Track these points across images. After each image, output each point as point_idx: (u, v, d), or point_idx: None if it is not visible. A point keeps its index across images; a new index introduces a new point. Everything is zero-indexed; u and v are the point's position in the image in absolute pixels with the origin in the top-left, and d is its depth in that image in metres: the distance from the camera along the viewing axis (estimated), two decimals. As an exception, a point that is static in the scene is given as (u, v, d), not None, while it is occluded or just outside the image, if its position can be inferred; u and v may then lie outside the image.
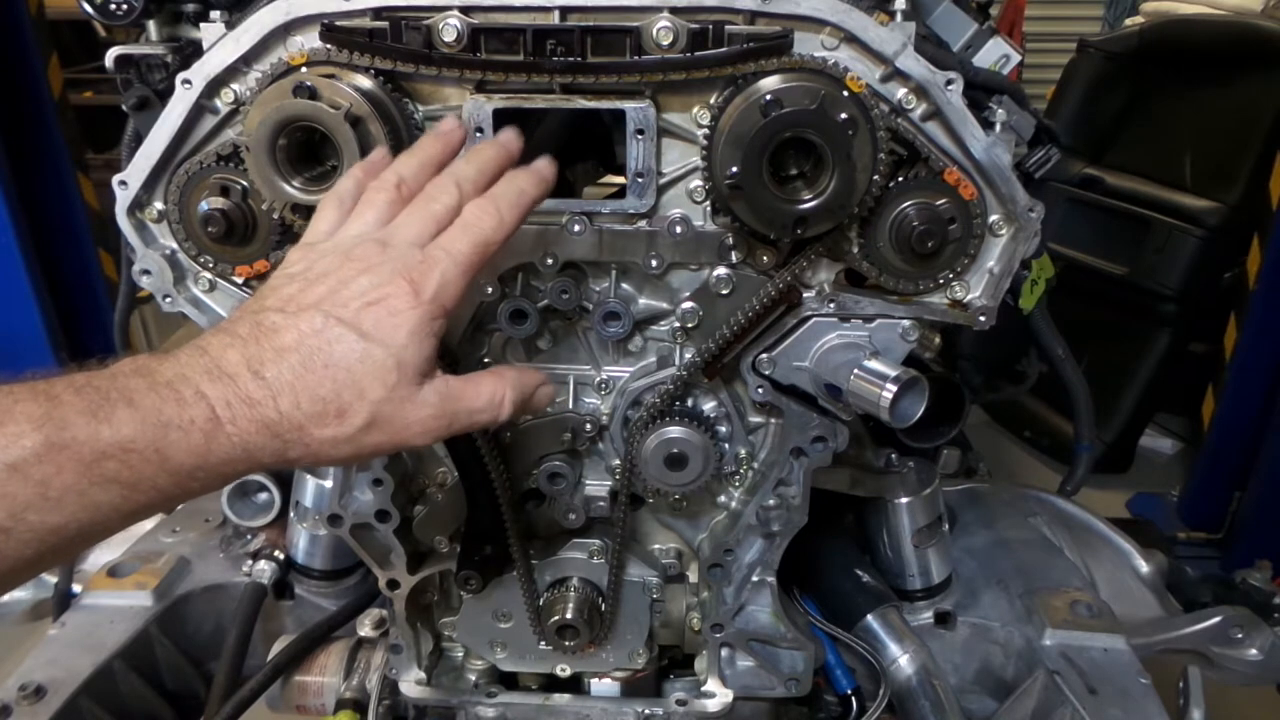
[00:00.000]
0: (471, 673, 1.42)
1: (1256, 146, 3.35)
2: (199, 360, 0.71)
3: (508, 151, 0.90)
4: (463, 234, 0.81)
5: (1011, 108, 1.00)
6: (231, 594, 1.55)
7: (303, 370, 0.72)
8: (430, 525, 1.25)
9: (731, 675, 1.34)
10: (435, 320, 0.77)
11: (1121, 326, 3.72)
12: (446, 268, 0.78)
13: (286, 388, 0.71)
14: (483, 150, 0.90)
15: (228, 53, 0.98)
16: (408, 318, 0.75)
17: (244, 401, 0.70)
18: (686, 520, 1.29)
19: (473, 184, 0.85)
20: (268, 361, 0.71)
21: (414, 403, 0.77)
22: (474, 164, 0.87)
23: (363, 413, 0.74)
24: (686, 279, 1.11)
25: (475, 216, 0.82)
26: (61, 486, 0.64)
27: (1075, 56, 4.11)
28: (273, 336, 0.73)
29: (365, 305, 0.75)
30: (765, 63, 0.93)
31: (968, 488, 1.75)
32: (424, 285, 0.76)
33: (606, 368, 1.18)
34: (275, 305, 0.76)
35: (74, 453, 0.64)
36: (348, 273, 0.77)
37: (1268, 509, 3.13)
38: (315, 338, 0.73)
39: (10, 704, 1.33)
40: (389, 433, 0.76)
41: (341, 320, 0.74)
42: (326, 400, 0.72)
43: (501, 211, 0.83)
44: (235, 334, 0.73)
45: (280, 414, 0.71)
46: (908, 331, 1.08)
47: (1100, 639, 1.40)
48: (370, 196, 0.84)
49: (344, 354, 0.73)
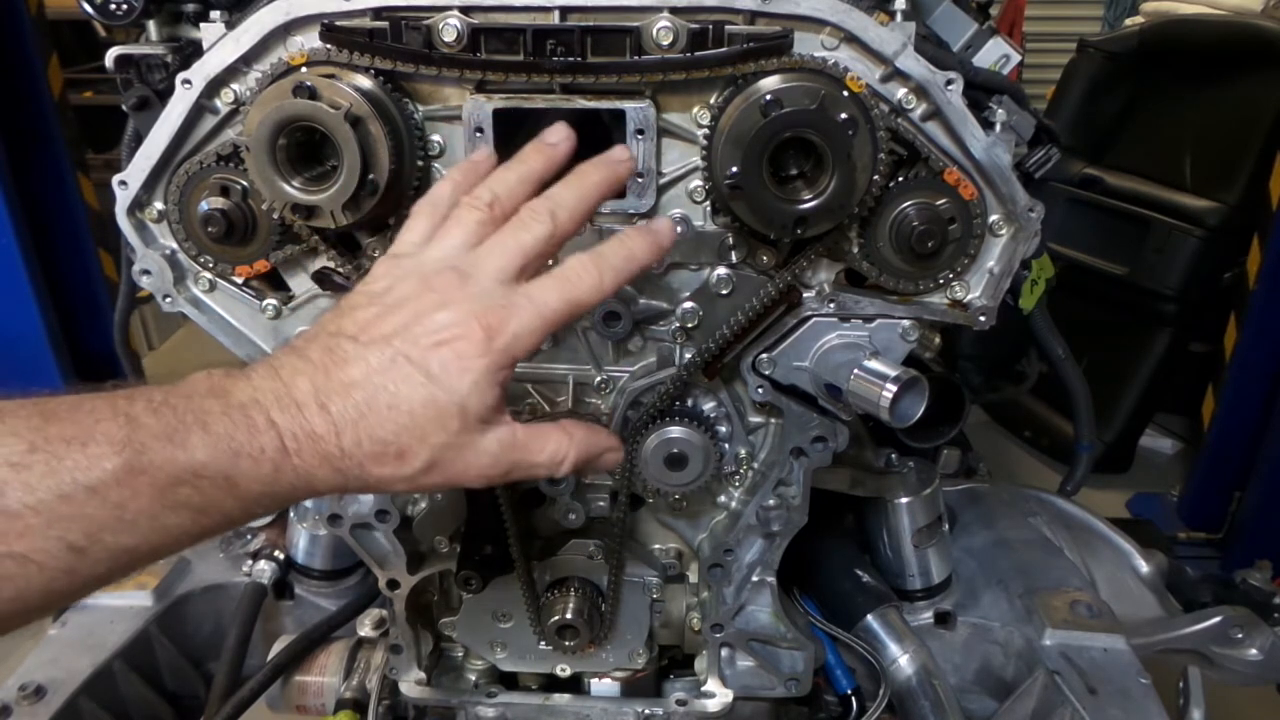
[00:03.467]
0: (471, 673, 1.42)
1: (1256, 146, 3.35)
2: (272, 385, 0.71)
3: (616, 176, 0.85)
4: (555, 288, 0.77)
5: (1011, 108, 1.00)
6: (231, 594, 1.55)
7: (366, 409, 0.71)
8: (430, 525, 1.25)
9: (731, 675, 1.34)
10: (504, 370, 0.75)
11: (1121, 326, 3.72)
12: (527, 319, 0.75)
13: (350, 425, 0.71)
14: (586, 174, 0.84)
15: (228, 53, 0.98)
16: (475, 365, 0.73)
17: (309, 436, 0.70)
18: (686, 520, 1.29)
19: (569, 214, 0.81)
20: (335, 394, 0.71)
21: (474, 449, 0.75)
22: (574, 189, 0.82)
23: (422, 456, 0.73)
24: (686, 279, 1.11)
25: (576, 274, 0.78)
26: (137, 510, 0.65)
27: (1075, 56, 4.11)
28: (343, 368, 0.72)
29: (435, 345, 0.73)
30: (765, 63, 0.93)
31: (968, 488, 1.75)
32: (500, 332, 0.74)
33: (606, 368, 1.18)
34: (351, 331, 0.74)
35: (150, 478, 0.65)
36: (425, 305, 0.74)
37: (1268, 509, 3.13)
38: (381, 375, 0.72)
39: (10, 704, 1.33)
40: (446, 475, 0.76)
41: (410, 359, 0.72)
42: (387, 442, 0.72)
43: (603, 275, 0.79)
44: (308, 358, 0.73)
45: (342, 451, 0.71)
46: (908, 331, 1.08)
47: (1100, 639, 1.40)
48: (461, 214, 0.81)
49: (408, 396, 0.72)
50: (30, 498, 0.62)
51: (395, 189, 0.99)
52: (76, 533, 0.63)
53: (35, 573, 0.63)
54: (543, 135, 0.86)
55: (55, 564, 0.63)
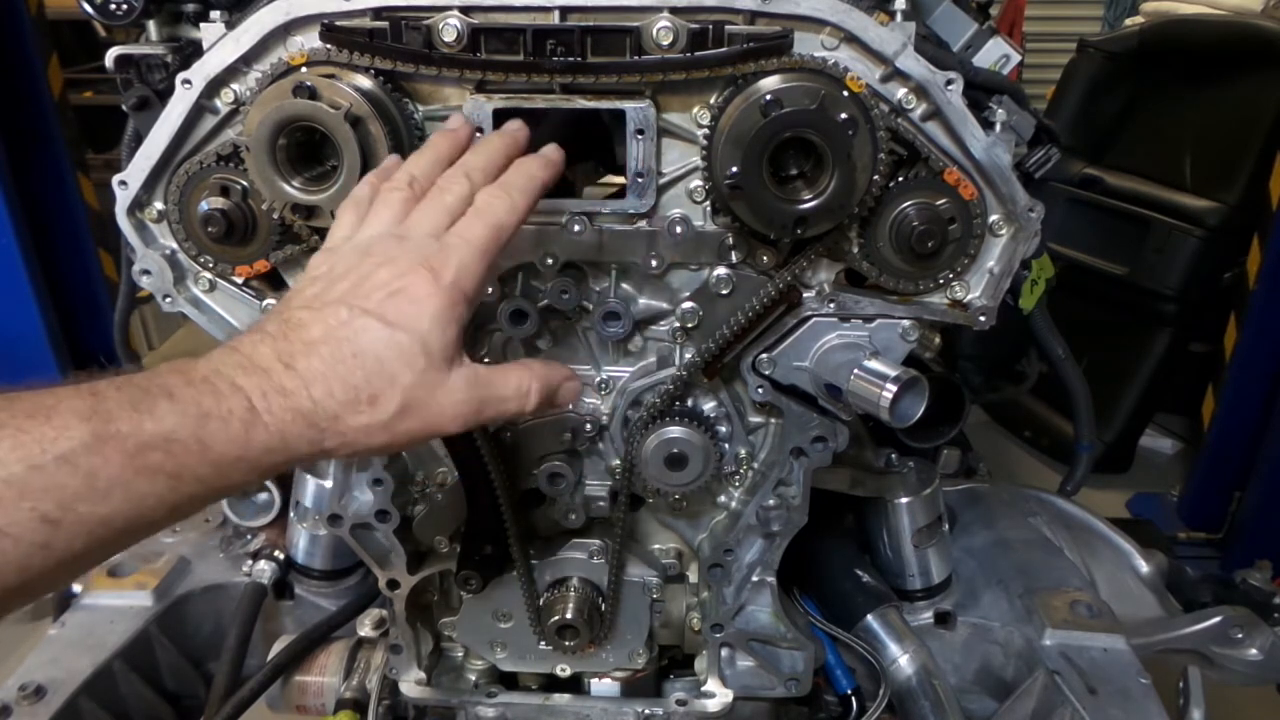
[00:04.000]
0: (471, 673, 1.42)
1: (1256, 146, 3.35)
2: (231, 357, 0.73)
3: (515, 141, 0.92)
4: (477, 220, 0.83)
5: (1011, 108, 1.00)
6: (231, 594, 1.55)
7: (333, 360, 0.74)
8: (430, 525, 1.25)
9: (731, 675, 1.34)
10: (457, 306, 0.79)
11: (1121, 326, 3.72)
12: (464, 254, 0.80)
13: (318, 377, 0.73)
14: (490, 141, 0.92)
15: (228, 53, 0.98)
16: (430, 304, 0.77)
17: (278, 391, 0.72)
18: (686, 520, 1.29)
19: (482, 173, 0.87)
20: (298, 354, 0.74)
21: (444, 388, 0.78)
22: (482, 154, 0.89)
23: (395, 398, 0.76)
24: (686, 279, 1.11)
25: (487, 203, 0.84)
26: (108, 477, 0.65)
27: (1075, 56, 4.10)
28: (301, 331, 0.75)
29: (388, 295, 0.77)
30: (765, 63, 0.93)
31: (968, 488, 1.75)
32: (443, 271, 0.78)
33: (606, 368, 1.18)
34: (301, 304, 0.78)
35: (119, 444, 0.65)
36: (368, 267, 0.79)
37: (1268, 509, 3.13)
38: (342, 329, 0.75)
39: (10, 704, 1.33)
40: (422, 418, 0.78)
41: (366, 311, 0.76)
42: (358, 388, 0.74)
43: (513, 196, 0.85)
44: (264, 332, 0.76)
45: (314, 402, 0.73)
46: (908, 331, 1.08)
47: (1100, 639, 1.40)
48: (385, 196, 0.86)
49: (371, 342, 0.75)
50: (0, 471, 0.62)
51: (395, 189, 0.99)
52: (49, 503, 0.63)
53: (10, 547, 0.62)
54: (446, 123, 0.96)
55: (30, 537, 0.62)
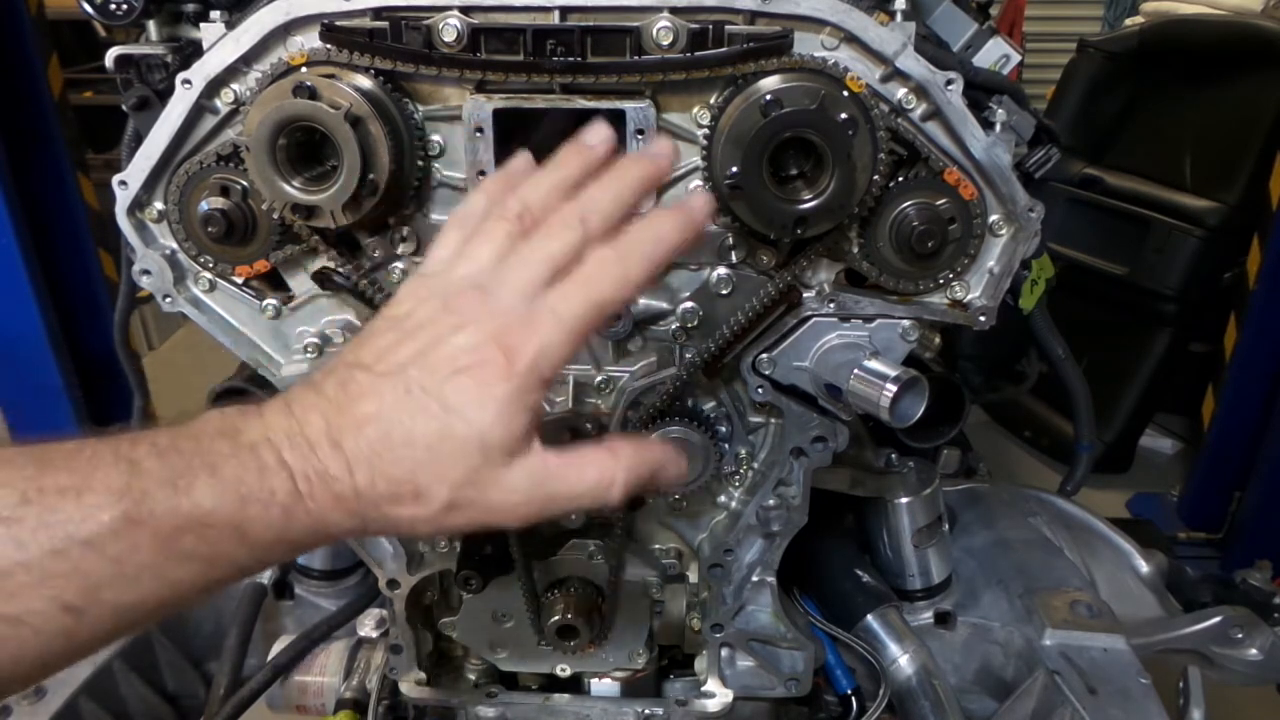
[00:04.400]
0: (471, 673, 1.42)
1: (1256, 146, 3.35)
2: (284, 422, 0.66)
3: (658, 170, 0.77)
4: (578, 291, 0.69)
5: (1011, 108, 1.00)
6: (231, 594, 1.55)
7: (381, 446, 0.66)
8: (430, 525, 1.25)
9: (731, 675, 1.34)
10: (530, 393, 0.67)
11: (1121, 326, 3.72)
12: (550, 334, 0.67)
13: (363, 463, 0.66)
14: (626, 171, 0.75)
15: (228, 53, 0.98)
16: (497, 391, 0.66)
17: (320, 476, 0.65)
18: (686, 520, 1.29)
19: (602, 219, 0.72)
20: (347, 431, 0.66)
21: (499, 487, 0.68)
22: (610, 191, 0.74)
23: (441, 496, 0.67)
24: (686, 279, 1.11)
25: (598, 272, 0.70)
26: (138, 564, 0.60)
27: (1075, 56, 4.11)
28: (357, 403, 0.67)
29: (454, 372, 0.66)
30: (765, 63, 0.93)
31: (968, 488, 1.75)
32: (520, 354, 0.67)
33: (606, 368, 1.18)
34: (367, 360, 0.69)
35: (153, 528, 0.61)
36: (443, 328, 0.68)
37: (1268, 509, 3.13)
38: (396, 409, 0.66)
39: (10, 704, 1.33)
40: (471, 515, 0.69)
41: (425, 390, 0.66)
42: (402, 481, 0.66)
43: (629, 267, 0.70)
44: (323, 393, 0.68)
45: (356, 492, 0.66)
46: (908, 331, 1.08)
47: (1100, 639, 1.40)
48: (488, 227, 0.73)
49: (424, 430, 0.66)
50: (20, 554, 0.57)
51: (395, 189, 0.99)
52: (72, 592, 0.58)
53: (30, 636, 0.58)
54: (581, 136, 0.78)
55: (50, 627, 0.59)
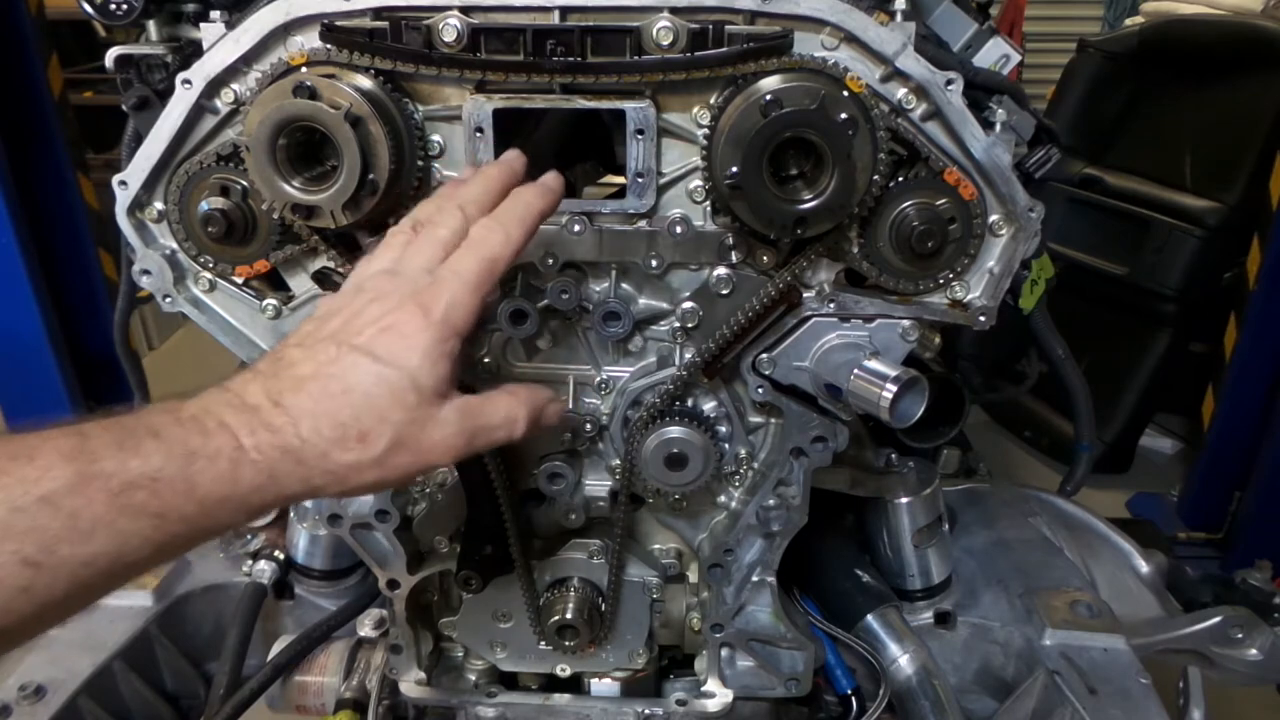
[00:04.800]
0: (471, 673, 1.42)
1: (1256, 146, 3.35)
2: (221, 395, 0.74)
3: (512, 170, 0.92)
4: (469, 253, 0.83)
5: (1011, 108, 1.00)
6: (231, 594, 1.55)
7: (321, 397, 0.74)
8: (430, 525, 1.25)
9: (731, 675, 1.34)
10: (448, 341, 0.79)
11: (1121, 326, 3.72)
12: (454, 288, 0.80)
13: (306, 414, 0.73)
14: (487, 172, 0.91)
15: (228, 53, 0.98)
16: (420, 339, 0.77)
17: (266, 428, 0.72)
18: (686, 520, 1.29)
19: (477, 205, 0.87)
20: (286, 391, 0.74)
21: (435, 422, 0.79)
22: (478, 186, 0.89)
23: (385, 435, 0.76)
24: (686, 279, 1.11)
25: (481, 235, 0.84)
26: (92, 517, 0.64)
27: (1075, 56, 4.11)
28: (292, 369, 0.76)
29: (379, 331, 0.77)
30: (765, 63, 0.93)
31: (968, 488, 1.75)
32: (433, 307, 0.78)
33: (606, 368, 1.18)
34: (294, 343, 0.79)
35: (103, 483, 0.65)
36: (359, 304, 0.80)
37: (1268, 509, 3.13)
38: (331, 365, 0.76)
39: (10, 704, 1.33)
40: (413, 453, 0.78)
41: (355, 347, 0.76)
42: (346, 425, 0.74)
43: (508, 228, 0.85)
44: (256, 370, 0.77)
45: (302, 440, 0.73)
46: (908, 331, 1.08)
47: (1100, 639, 1.40)
48: (388, 240, 0.87)
49: (360, 379, 0.75)
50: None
51: (395, 189, 0.99)
52: (31, 546, 0.62)
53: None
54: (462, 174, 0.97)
55: (11, 580, 0.61)
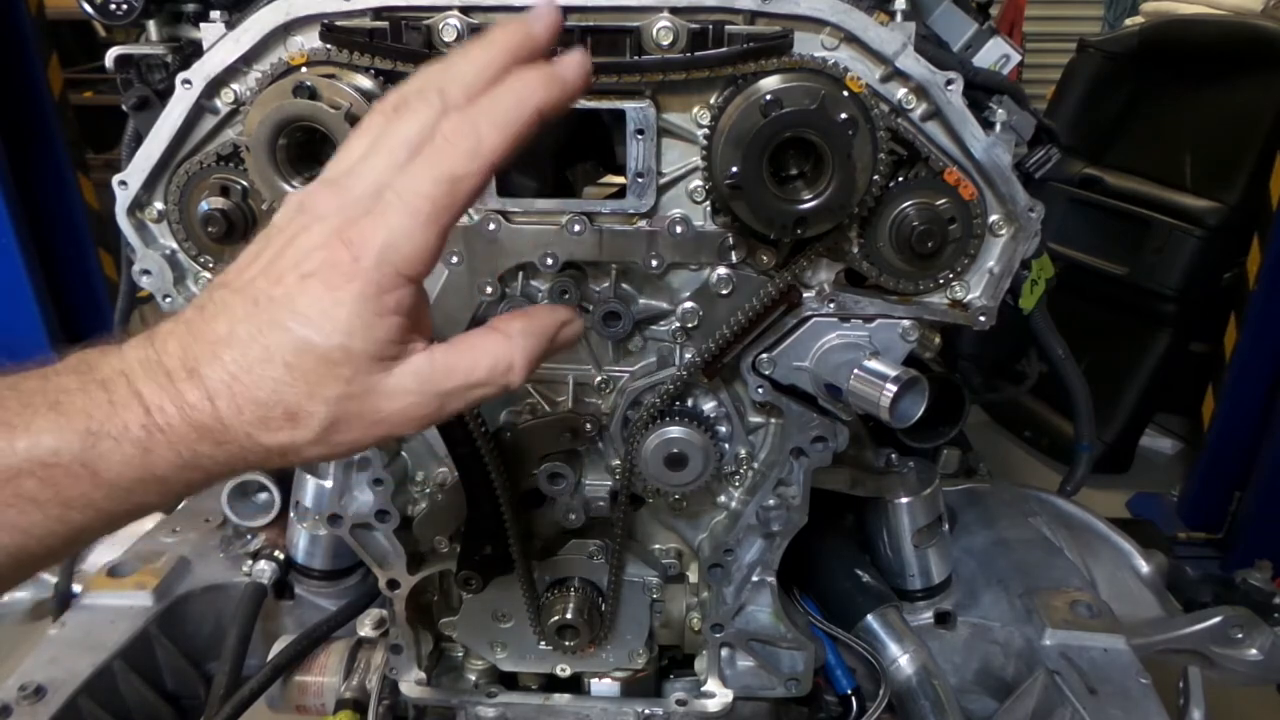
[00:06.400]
0: (471, 673, 1.42)
1: (1256, 146, 3.35)
2: (143, 352, 0.60)
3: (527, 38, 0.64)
4: (423, 169, 0.60)
5: (1011, 108, 1.00)
6: (231, 594, 1.55)
7: (237, 369, 0.59)
8: (430, 525, 1.25)
9: (731, 675, 1.34)
10: (386, 293, 0.59)
11: (1121, 326, 3.72)
12: (396, 220, 0.59)
13: (222, 390, 0.59)
14: (493, 34, 0.64)
15: (228, 53, 0.98)
16: (345, 294, 0.58)
17: (177, 405, 0.59)
18: (686, 520, 1.29)
19: (465, 88, 0.62)
20: (202, 359, 0.59)
21: (383, 394, 0.62)
22: (472, 57, 0.63)
23: (318, 414, 0.60)
24: (686, 279, 1.11)
25: (444, 141, 0.60)
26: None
27: (1075, 56, 4.11)
28: (210, 324, 0.60)
29: (299, 279, 0.59)
30: (765, 63, 0.93)
31: (968, 488, 1.75)
32: (365, 247, 0.59)
33: (606, 368, 1.18)
34: (228, 277, 0.63)
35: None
36: (293, 230, 0.61)
37: (1268, 509, 3.13)
38: (246, 324, 0.59)
39: (10, 704, 1.33)
40: (362, 429, 0.62)
41: (274, 300, 0.59)
42: (269, 405, 0.59)
43: (481, 133, 0.60)
44: (181, 318, 0.62)
45: (221, 421, 0.59)
46: (908, 331, 1.08)
47: (1100, 639, 1.40)
48: (365, 122, 0.65)
49: (280, 346, 0.59)
50: None
51: (395, 189, 0.99)
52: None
53: None
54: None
55: None
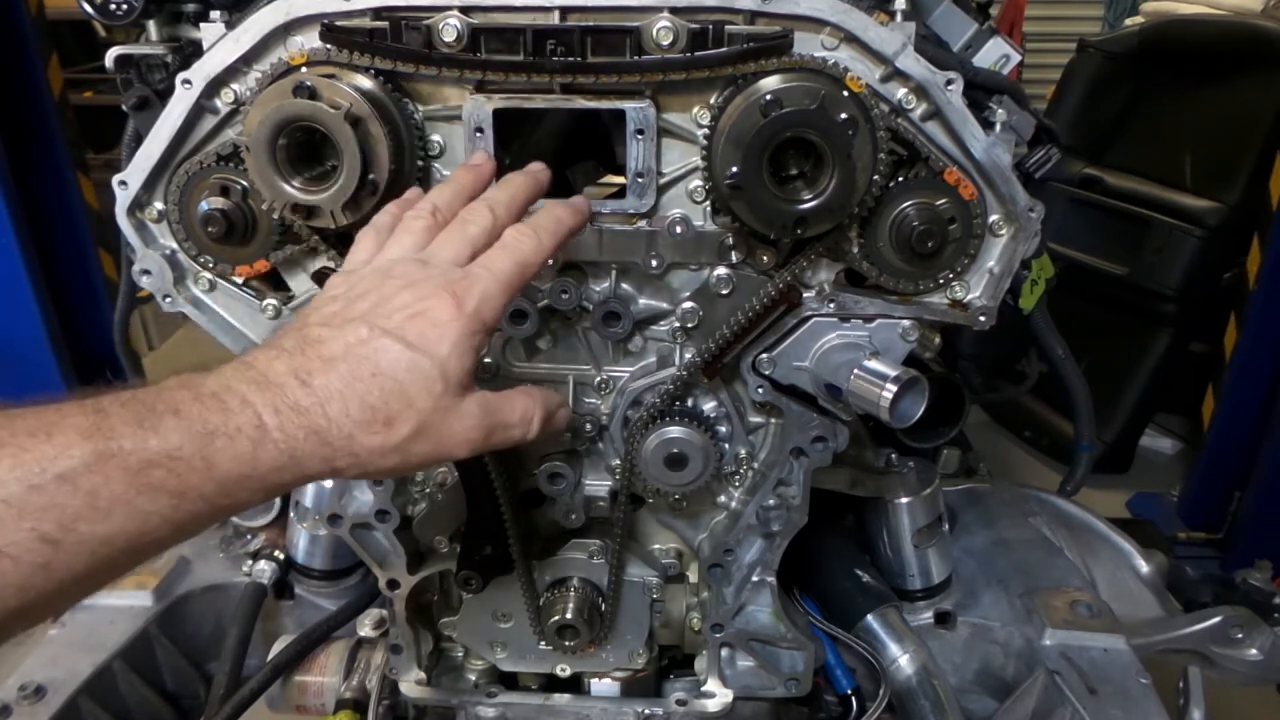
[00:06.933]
0: (471, 673, 1.42)
1: (1256, 146, 3.34)
2: (244, 373, 0.72)
3: (537, 181, 0.94)
4: (503, 253, 0.84)
5: (1011, 108, 1.00)
6: (231, 594, 1.55)
7: (351, 379, 0.73)
8: (430, 525, 1.25)
9: (731, 675, 1.34)
10: (477, 335, 0.79)
11: (1121, 326, 3.72)
12: (488, 284, 0.81)
13: (335, 395, 0.73)
14: (514, 179, 0.93)
15: (228, 53, 0.98)
16: (451, 329, 0.77)
17: (292, 409, 0.71)
18: (686, 520, 1.29)
19: (505, 209, 0.88)
20: (315, 371, 0.73)
21: (458, 413, 0.79)
22: (506, 191, 0.91)
23: (410, 421, 0.75)
24: (686, 279, 1.11)
25: (515, 239, 0.85)
26: (110, 496, 0.64)
27: (1075, 56, 4.10)
28: (319, 347, 0.75)
29: (409, 317, 0.77)
30: (765, 63, 0.93)
31: (968, 488, 1.75)
32: (466, 299, 0.79)
33: (606, 368, 1.18)
34: (319, 321, 0.78)
35: (121, 462, 0.65)
36: (389, 289, 0.79)
37: (1268, 509, 3.13)
38: (362, 347, 0.75)
39: (10, 704, 1.33)
40: (433, 442, 0.78)
41: (387, 331, 0.76)
42: (375, 408, 0.74)
43: (540, 237, 0.86)
44: (281, 348, 0.75)
45: (329, 420, 0.72)
46: (908, 331, 1.08)
47: (1100, 639, 1.40)
48: (407, 224, 0.87)
49: (391, 363, 0.75)
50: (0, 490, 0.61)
51: (395, 189, 0.99)
52: (49, 523, 0.62)
53: (9, 568, 0.61)
54: (470, 159, 0.98)
55: (29, 558, 0.61)
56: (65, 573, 0.64)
